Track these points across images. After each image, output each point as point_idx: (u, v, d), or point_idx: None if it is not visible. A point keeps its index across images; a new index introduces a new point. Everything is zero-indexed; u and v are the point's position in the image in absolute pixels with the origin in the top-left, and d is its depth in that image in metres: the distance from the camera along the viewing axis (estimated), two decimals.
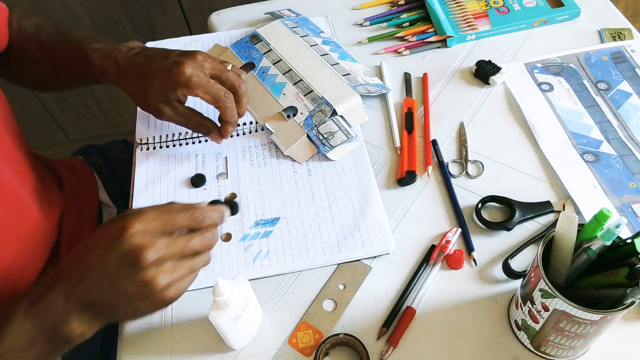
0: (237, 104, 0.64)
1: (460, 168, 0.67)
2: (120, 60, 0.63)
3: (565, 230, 0.45)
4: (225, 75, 0.62)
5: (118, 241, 0.43)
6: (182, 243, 0.45)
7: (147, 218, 0.44)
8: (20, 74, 0.73)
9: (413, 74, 0.77)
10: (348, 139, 0.69)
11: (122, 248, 0.43)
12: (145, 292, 0.43)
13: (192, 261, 0.46)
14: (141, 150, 0.71)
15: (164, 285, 0.44)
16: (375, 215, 0.62)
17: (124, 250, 0.43)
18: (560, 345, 0.48)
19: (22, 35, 0.69)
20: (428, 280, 0.57)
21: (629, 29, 0.80)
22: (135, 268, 0.43)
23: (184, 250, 0.45)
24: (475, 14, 0.83)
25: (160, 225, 0.44)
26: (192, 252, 0.46)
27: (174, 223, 0.45)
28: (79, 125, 1.59)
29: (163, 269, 0.44)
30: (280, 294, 0.58)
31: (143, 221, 0.43)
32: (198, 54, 0.61)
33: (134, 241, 0.43)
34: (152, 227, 0.44)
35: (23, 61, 0.70)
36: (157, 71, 0.60)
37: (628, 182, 0.62)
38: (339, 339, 0.52)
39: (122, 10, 1.33)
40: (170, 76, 0.59)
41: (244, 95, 0.64)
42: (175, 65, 0.59)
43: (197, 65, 0.60)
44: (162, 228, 0.44)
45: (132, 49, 0.64)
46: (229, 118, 0.63)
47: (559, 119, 0.70)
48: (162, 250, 0.43)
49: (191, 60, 0.60)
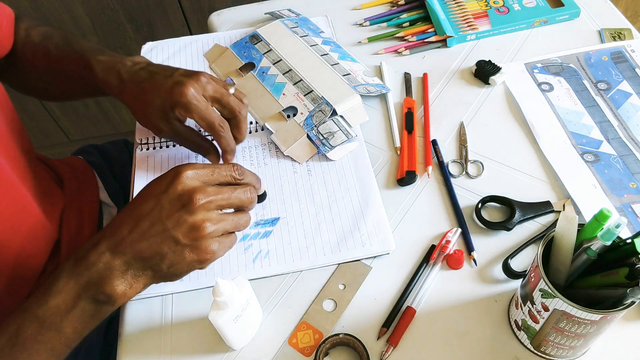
0: (236, 129, 0.63)
1: (460, 168, 0.67)
2: (123, 75, 0.63)
3: (565, 230, 0.45)
4: (225, 100, 0.62)
5: (172, 185, 0.47)
6: (228, 191, 0.49)
7: (197, 166, 0.49)
8: (25, 82, 0.74)
9: (413, 74, 0.77)
10: (348, 139, 0.69)
11: (176, 190, 0.47)
12: (193, 237, 0.47)
13: (235, 216, 0.50)
14: (141, 150, 0.71)
15: (210, 232, 0.47)
16: (375, 215, 0.62)
17: (178, 192, 0.47)
18: (560, 345, 0.48)
19: (29, 45, 0.69)
20: (428, 280, 0.57)
21: (629, 29, 0.80)
22: (187, 209, 0.46)
23: (230, 198, 0.49)
24: (475, 14, 0.83)
25: (208, 172, 0.49)
26: (237, 203, 0.50)
27: (219, 171, 0.50)
28: (79, 125, 1.59)
29: (210, 216, 0.47)
30: (280, 294, 0.58)
31: (194, 168, 0.48)
32: (202, 76, 0.61)
33: (187, 184, 0.47)
34: (202, 174, 0.49)
35: (29, 70, 0.70)
36: (159, 89, 0.60)
37: (628, 182, 0.62)
38: (339, 339, 0.52)
39: (122, 10, 1.33)
40: (170, 95, 0.59)
41: (244, 121, 0.64)
42: (177, 85, 0.59)
43: (200, 87, 0.60)
44: (210, 175, 0.49)
45: (136, 63, 0.64)
46: (223, 147, 0.63)
47: (559, 119, 0.70)
48: (211, 194, 0.48)
49: (194, 82, 0.59)
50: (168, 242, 0.46)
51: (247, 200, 0.51)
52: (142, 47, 0.84)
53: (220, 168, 0.50)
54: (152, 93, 0.60)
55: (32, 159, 0.65)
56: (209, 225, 0.47)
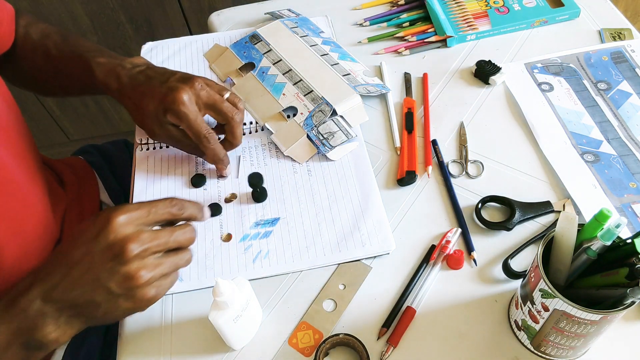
0: (230, 134, 0.64)
1: (460, 168, 0.67)
2: (122, 78, 0.63)
3: (565, 230, 0.45)
4: (219, 106, 0.62)
5: (103, 233, 0.43)
6: (165, 235, 0.46)
7: (130, 209, 0.45)
8: (24, 78, 0.74)
9: (413, 74, 0.77)
10: (348, 139, 0.69)
11: (107, 239, 0.43)
12: (127, 287, 0.44)
13: (174, 257, 0.46)
14: (141, 150, 0.71)
15: (146, 281, 0.44)
16: (375, 215, 0.62)
17: (109, 242, 0.43)
18: (560, 345, 0.48)
19: (29, 42, 0.69)
20: (428, 280, 0.57)
21: (629, 29, 0.80)
22: (119, 260, 0.43)
23: (167, 243, 0.46)
24: (475, 14, 0.83)
25: (143, 214, 0.45)
26: (175, 245, 0.46)
27: (155, 210, 0.46)
28: (79, 125, 1.59)
29: (146, 264, 0.44)
30: (280, 294, 0.58)
31: (127, 212, 0.44)
32: (197, 81, 0.61)
33: (119, 232, 0.43)
34: (136, 218, 0.45)
35: (28, 67, 0.71)
36: (153, 94, 0.60)
37: (628, 182, 0.62)
38: (339, 339, 0.52)
39: (122, 10, 1.33)
40: (163, 101, 0.59)
41: (237, 127, 0.64)
42: (170, 91, 0.59)
43: (193, 93, 0.60)
44: (146, 217, 0.45)
45: (136, 65, 0.64)
46: (209, 159, 0.64)
47: (559, 119, 0.70)
48: (146, 241, 0.44)
49: (188, 88, 0.60)
50: (101, 291, 0.44)
51: (186, 242, 0.48)
52: (142, 47, 0.84)
53: (157, 206, 0.46)
54: (147, 98, 0.61)
55: (37, 159, 0.66)
56: (145, 273, 0.44)
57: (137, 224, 0.45)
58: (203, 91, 0.61)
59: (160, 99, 0.60)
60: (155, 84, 0.61)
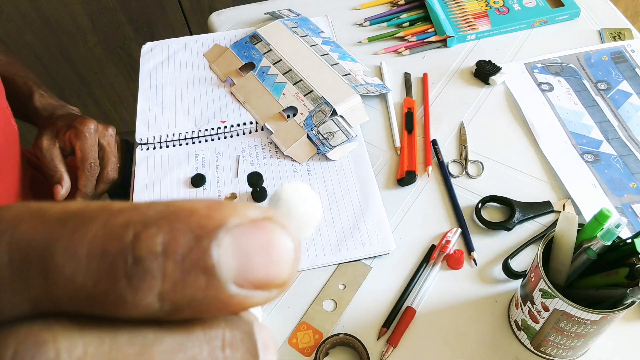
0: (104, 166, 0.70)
1: (460, 168, 0.67)
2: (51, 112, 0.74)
3: (565, 230, 0.45)
4: (105, 153, 0.70)
5: None
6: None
7: None
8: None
9: (413, 74, 0.77)
10: (348, 139, 0.69)
11: None
12: None
13: None
14: (141, 150, 0.71)
15: None
16: (375, 215, 0.62)
17: None
18: (561, 345, 0.48)
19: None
20: (428, 280, 0.57)
21: (629, 29, 0.80)
22: None
23: None
24: (475, 14, 0.83)
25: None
26: None
27: None
28: None
29: None
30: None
31: None
32: (111, 129, 0.72)
33: None
34: None
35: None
36: (69, 116, 0.70)
37: (628, 182, 0.62)
38: (339, 339, 0.52)
39: (122, 10, 1.33)
40: (72, 120, 0.68)
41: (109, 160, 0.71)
42: (84, 117, 0.69)
43: (102, 131, 0.70)
44: None
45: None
46: (80, 185, 0.69)
47: (559, 119, 0.70)
48: None
49: (101, 125, 0.70)
50: None
51: None
52: (142, 47, 0.84)
53: None
54: (60, 118, 0.70)
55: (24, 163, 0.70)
56: None
57: None
58: (111, 138, 0.70)
59: (71, 119, 0.69)
60: (74, 113, 0.73)
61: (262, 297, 0.14)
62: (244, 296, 0.13)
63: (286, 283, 0.14)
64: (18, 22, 1.29)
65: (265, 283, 0.13)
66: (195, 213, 0.13)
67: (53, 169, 0.68)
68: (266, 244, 0.13)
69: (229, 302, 0.13)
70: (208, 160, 0.69)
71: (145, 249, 0.12)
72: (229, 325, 0.14)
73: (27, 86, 0.73)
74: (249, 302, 0.13)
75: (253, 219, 0.13)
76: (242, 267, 0.13)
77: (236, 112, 0.74)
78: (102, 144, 0.70)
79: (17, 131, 0.66)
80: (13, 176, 0.66)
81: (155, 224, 0.12)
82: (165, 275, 0.12)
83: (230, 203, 0.13)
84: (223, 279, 0.13)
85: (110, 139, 0.70)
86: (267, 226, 0.13)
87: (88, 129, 0.67)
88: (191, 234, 0.12)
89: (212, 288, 0.12)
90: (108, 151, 0.70)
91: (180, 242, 0.12)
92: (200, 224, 0.13)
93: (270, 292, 0.14)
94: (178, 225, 0.12)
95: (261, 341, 0.15)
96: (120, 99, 1.54)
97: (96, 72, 1.46)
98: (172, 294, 0.12)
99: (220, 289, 0.13)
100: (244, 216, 0.13)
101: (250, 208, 0.13)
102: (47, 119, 0.71)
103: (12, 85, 0.73)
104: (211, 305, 0.13)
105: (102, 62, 1.44)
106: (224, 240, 0.13)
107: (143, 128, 0.73)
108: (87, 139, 0.67)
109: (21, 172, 0.68)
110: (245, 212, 0.13)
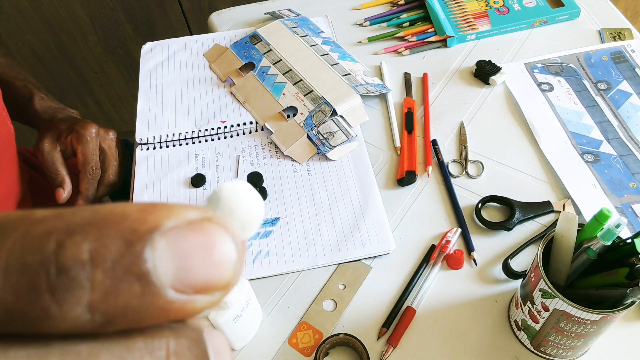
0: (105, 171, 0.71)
1: (460, 168, 0.67)
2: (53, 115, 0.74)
3: (565, 230, 0.45)
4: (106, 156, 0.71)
5: None
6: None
7: None
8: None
9: (413, 74, 0.77)
10: (348, 139, 0.69)
11: None
12: None
13: None
14: (141, 150, 0.71)
15: None
16: (375, 215, 0.62)
17: None
18: (561, 345, 0.48)
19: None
20: (428, 280, 0.57)
21: (629, 29, 0.80)
22: None
23: None
24: (475, 14, 0.83)
25: None
26: None
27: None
28: None
29: None
30: (280, 294, 0.58)
31: None
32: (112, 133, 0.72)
33: None
34: None
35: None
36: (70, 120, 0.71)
37: (628, 182, 0.62)
38: (339, 339, 0.52)
39: (122, 10, 1.33)
40: (74, 124, 0.68)
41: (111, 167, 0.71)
42: (85, 121, 0.69)
43: (103, 136, 0.70)
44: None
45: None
46: (81, 188, 0.69)
47: (559, 119, 0.70)
48: None
49: (103, 130, 0.70)
50: None
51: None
52: (142, 47, 0.84)
53: None
54: (61, 122, 0.70)
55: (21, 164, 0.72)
56: None
57: None
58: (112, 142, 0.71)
59: (73, 122, 0.70)
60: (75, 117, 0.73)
61: (204, 301, 0.13)
62: (185, 301, 0.12)
63: (229, 285, 0.13)
64: (18, 22, 1.29)
65: (207, 286, 0.13)
66: (127, 217, 0.12)
67: (54, 172, 0.68)
68: (205, 246, 0.13)
69: (168, 308, 0.12)
70: (208, 160, 0.69)
71: (70, 258, 0.11)
72: (173, 333, 0.13)
73: (27, 89, 0.74)
74: (191, 308, 0.13)
75: (191, 220, 0.13)
76: (180, 271, 0.12)
77: (236, 112, 0.74)
78: (103, 148, 0.70)
79: (13, 133, 0.66)
80: (10, 177, 0.66)
81: (82, 231, 0.12)
82: (94, 284, 0.11)
83: (166, 205, 0.13)
84: (159, 284, 0.12)
85: (111, 142, 0.71)
86: (206, 227, 0.13)
87: (90, 133, 0.68)
88: (122, 240, 0.12)
89: (148, 295, 0.12)
90: (109, 155, 0.70)
91: (109, 248, 0.12)
92: (132, 228, 0.12)
93: (213, 295, 0.13)
94: (107, 232, 0.12)
95: (213, 348, 0.14)
96: (120, 98, 1.54)
97: (96, 72, 1.46)
98: (103, 304, 0.12)
99: (157, 295, 0.12)
100: (181, 217, 0.13)
101: (187, 209, 0.13)
102: (48, 122, 0.71)
103: (12, 88, 0.73)
104: (149, 313, 0.12)
105: (102, 62, 1.44)
106: (159, 244, 0.12)
107: (143, 128, 0.73)
108: (88, 142, 0.68)
109: (19, 173, 0.68)
110: (182, 213, 0.13)
